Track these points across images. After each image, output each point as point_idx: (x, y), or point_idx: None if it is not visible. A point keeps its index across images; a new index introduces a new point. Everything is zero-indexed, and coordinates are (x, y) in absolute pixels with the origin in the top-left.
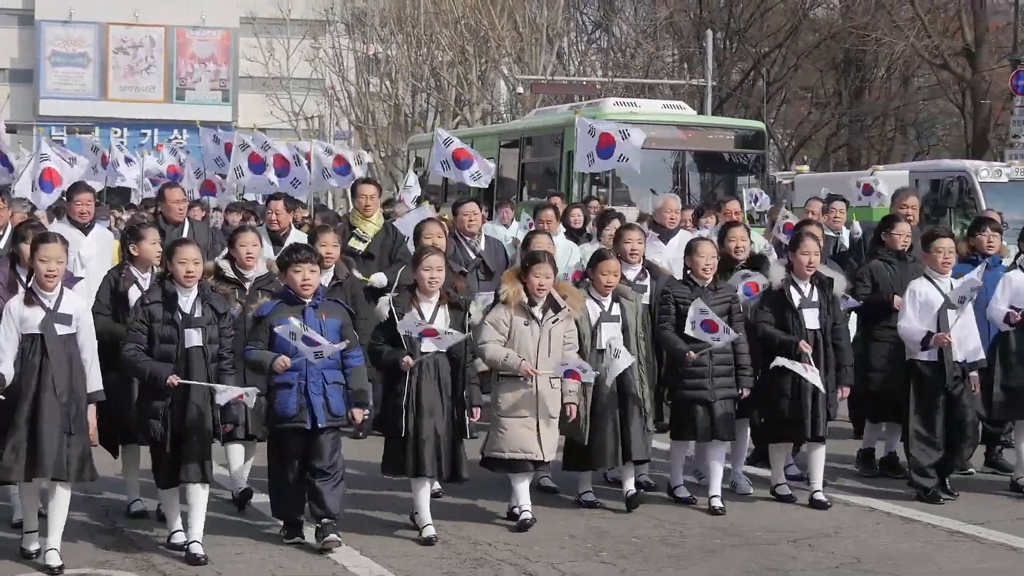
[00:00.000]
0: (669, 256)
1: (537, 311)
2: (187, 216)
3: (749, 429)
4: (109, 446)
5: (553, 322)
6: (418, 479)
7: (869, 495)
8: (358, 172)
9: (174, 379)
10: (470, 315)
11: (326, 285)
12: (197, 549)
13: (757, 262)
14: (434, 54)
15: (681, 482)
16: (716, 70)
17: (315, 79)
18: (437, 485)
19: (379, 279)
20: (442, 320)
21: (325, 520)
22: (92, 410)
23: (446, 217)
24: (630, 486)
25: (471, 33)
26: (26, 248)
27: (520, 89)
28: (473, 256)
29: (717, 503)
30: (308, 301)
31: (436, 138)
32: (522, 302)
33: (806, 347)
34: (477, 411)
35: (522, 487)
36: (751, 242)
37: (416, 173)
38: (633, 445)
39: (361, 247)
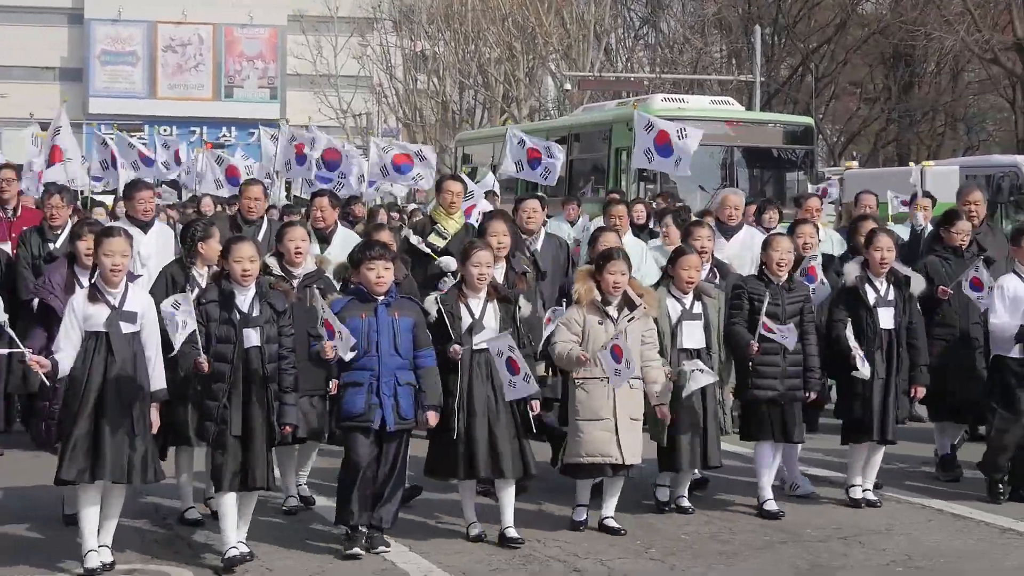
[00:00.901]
0: (730, 253)
1: (612, 310)
2: (266, 215)
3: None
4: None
5: (629, 320)
6: (467, 480)
7: (921, 493)
8: (421, 171)
9: (201, 361)
10: (520, 308)
11: None
12: (241, 547)
13: (824, 263)
14: (481, 51)
15: (771, 496)
16: (764, 66)
17: (363, 76)
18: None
19: (448, 263)
20: (491, 315)
21: (375, 527)
22: (156, 409)
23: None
24: (684, 491)
25: (519, 30)
26: (82, 245)
27: (568, 86)
28: (527, 255)
29: (772, 507)
30: (381, 299)
31: (509, 138)
32: (595, 301)
33: (862, 371)
34: (536, 404)
35: (585, 488)
36: (820, 240)
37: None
38: (709, 450)
39: (441, 243)
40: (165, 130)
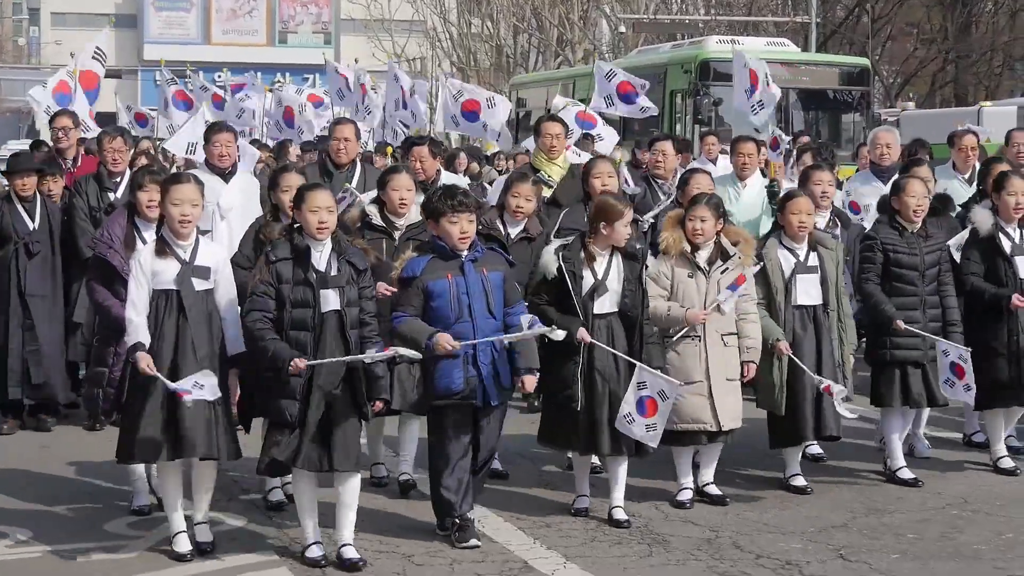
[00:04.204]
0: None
1: (701, 261)
2: (358, 159)
3: None
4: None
5: (722, 272)
6: (585, 455)
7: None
8: (489, 122)
9: (300, 363)
10: (647, 267)
11: (513, 238)
12: (351, 553)
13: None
14: None
15: (903, 463)
16: (820, 7)
17: (417, 20)
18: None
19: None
20: (615, 272)
21: (464, 518)
22: (235, 376)
23: (618, 160)
24: (796, 468)
25: None
26: (144, 196)
27: (622, 28)
28: (664, 199)
29: (907, 474)
30: (465, 255)
31: (597, 72)
32: (684, 251)
33: (1020, 302)
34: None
35: (685, 460)
36: None
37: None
38: (825, 419)
39: (547, 193)
40: (219, 76)
